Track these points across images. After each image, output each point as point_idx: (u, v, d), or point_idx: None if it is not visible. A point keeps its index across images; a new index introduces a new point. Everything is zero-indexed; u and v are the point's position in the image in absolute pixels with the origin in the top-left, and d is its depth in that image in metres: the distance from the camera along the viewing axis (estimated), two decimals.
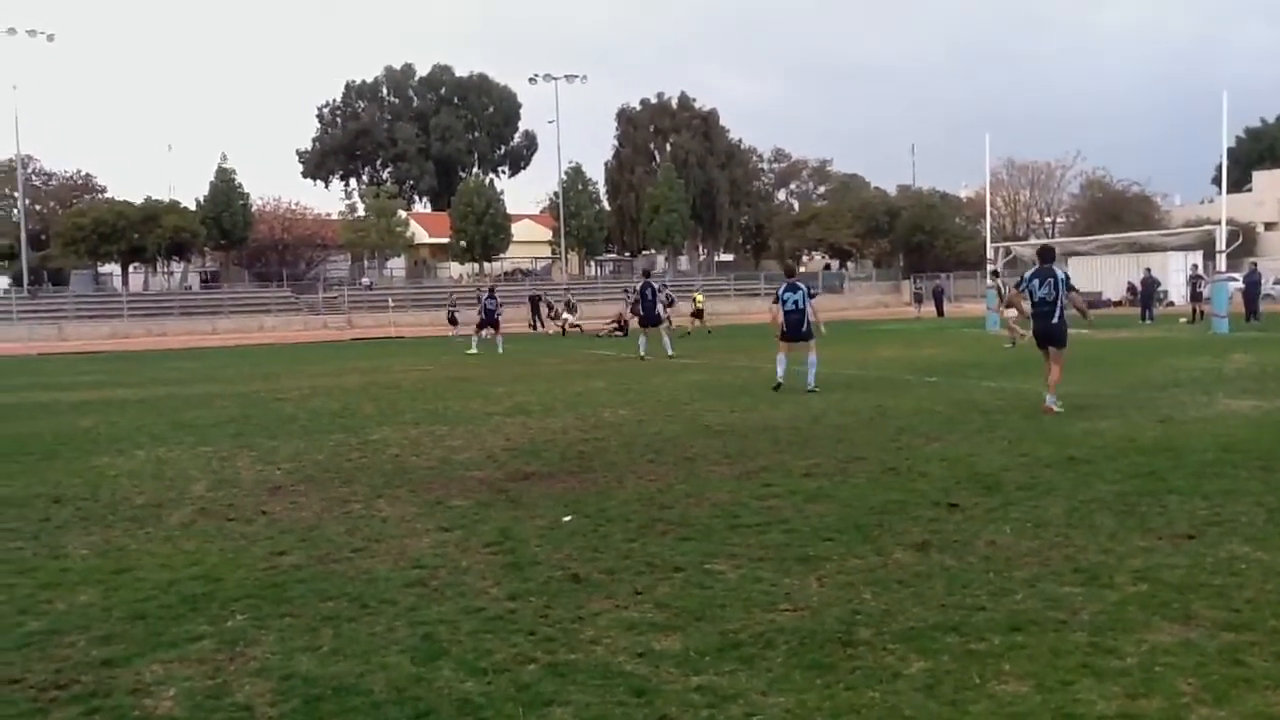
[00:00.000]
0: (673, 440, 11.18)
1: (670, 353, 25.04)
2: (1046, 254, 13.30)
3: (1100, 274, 61.19)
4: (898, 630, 4.91)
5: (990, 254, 42.44)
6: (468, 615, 5.33)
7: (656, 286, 25.79)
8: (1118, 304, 54.75)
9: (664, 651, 4.73)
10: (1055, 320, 12.58)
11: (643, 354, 24.53)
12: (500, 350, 29.35)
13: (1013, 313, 27.68)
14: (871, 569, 5.99)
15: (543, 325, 45.81)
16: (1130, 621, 4.95)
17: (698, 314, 37.87)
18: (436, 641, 4.94)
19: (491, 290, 33.04)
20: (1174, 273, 53.15)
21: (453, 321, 41.12)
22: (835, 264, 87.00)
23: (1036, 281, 12.79)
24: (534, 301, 48.94)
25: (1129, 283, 52.64)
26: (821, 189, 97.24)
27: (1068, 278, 12.90)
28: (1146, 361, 20.27)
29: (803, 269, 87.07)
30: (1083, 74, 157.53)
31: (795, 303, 15.68)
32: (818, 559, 6.21)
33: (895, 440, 10.70)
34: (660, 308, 25.78)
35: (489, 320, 31.48)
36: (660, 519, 7.39)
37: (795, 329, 15.76)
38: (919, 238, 79.60)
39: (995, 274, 33.94)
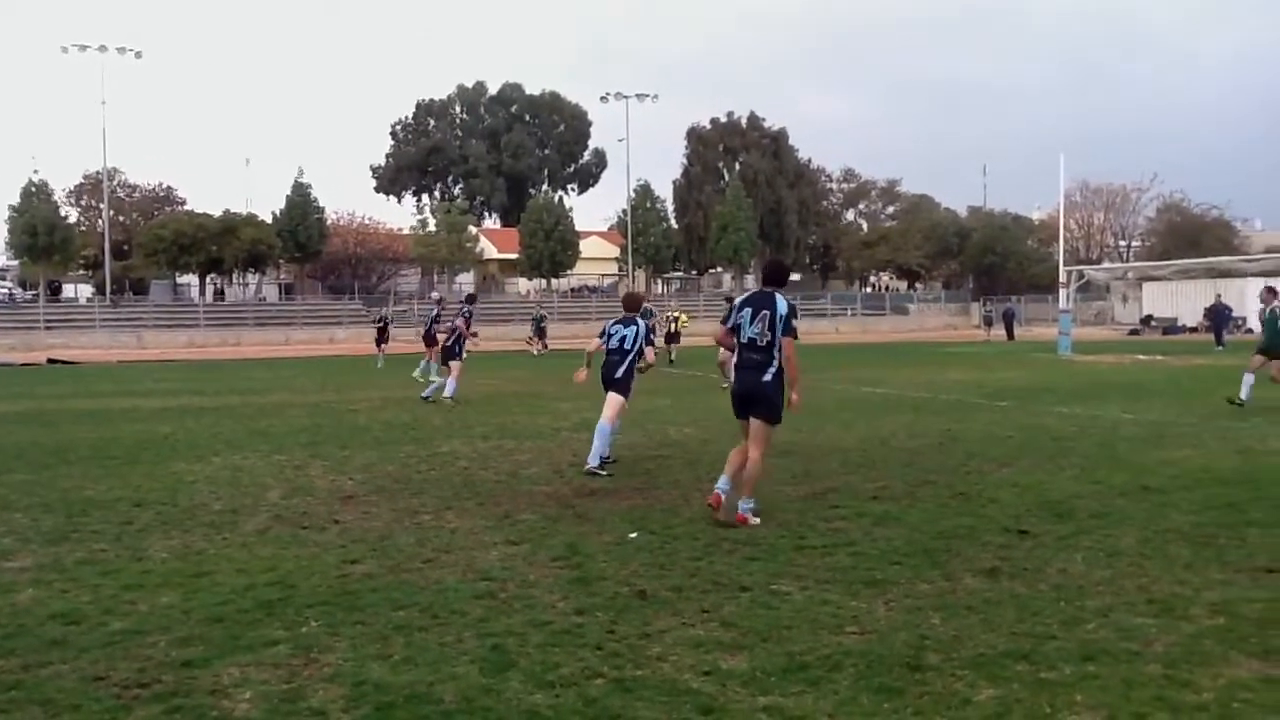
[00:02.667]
0: None
1: (427, 395, 18.92)
2: (773, 273, 8.58)
3: (1177, 299, 59.99)
4: (966, 657, 4.88)
5: (1063, 277, 41.81)
6: (536, 628, 5.39)
7: (436, 313, 22.84)
8: (1193, 330, 53.61)
9: (730, 670, 4.75)
10: (767, 376, 7.83)
11: (422, 380, 21.67)
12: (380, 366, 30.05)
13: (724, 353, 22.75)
14: (940, 594, 5.94)
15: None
16: (1207, 655, 4.86)
17: (672, 337, 31.08)
18: (505, 653, 5.00)
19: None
20: (1251, 298, 51.91)
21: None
22: (903, 285, 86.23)
23: (748, 312, 7.99)
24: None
25: (1205, 308, 51.54)
26: (890, 209, 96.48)
27: (792, 311, 8.05)
28: (1224, 390, 19.77)
29: (868, 290, 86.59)
30: (1162, 98, 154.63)
31: (623, 340, 11.01)
32: (885, 583, 6.18)
33: (965, 465, 10.59)
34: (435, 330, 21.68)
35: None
36: (726, 538, 7.40)
37: (609, 374, 10.97)
38: (990, 260, 78.57)
39: (729, 299, 30.45)
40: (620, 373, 10.97)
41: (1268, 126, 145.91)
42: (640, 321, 11.30)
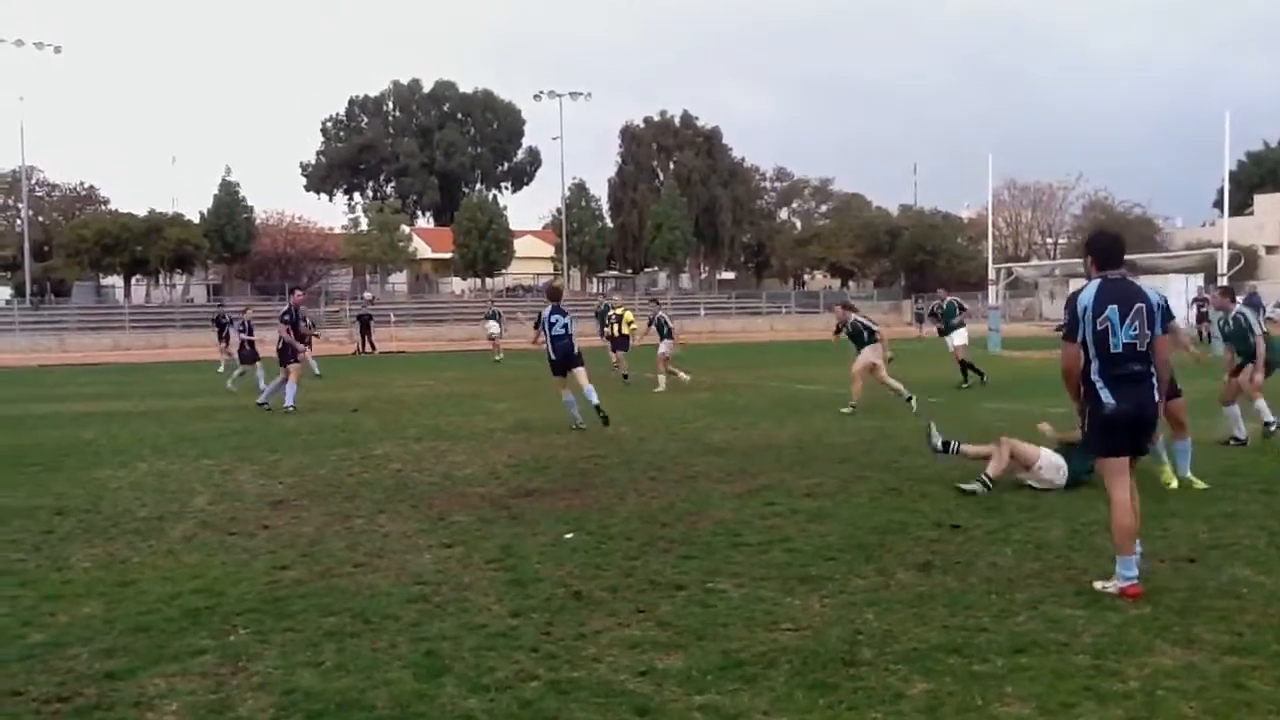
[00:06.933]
0: (674, 458, 11.18)
1: (263, 401, 18.10)
2: (1117, 250, 7.19)
3: None
4: (900, 651, 4.92)
5: (992, 274, 42.56)
6: (470, 632, 5.33)
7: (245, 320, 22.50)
8: None
9: (666, 670, 4.73)
10: (1156, 393, 6.27)
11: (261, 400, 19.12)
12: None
13: (665, 349, 21.46)
14: (874, 589, 5.99)
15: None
16: (1132, 644, 4.96)
17: (619, 341, 23.24)
18: (439, 658, 4.94)
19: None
20: (1175, 295, 53.21)
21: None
22: (836, 284, 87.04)
23: (1115, 310, 6.62)
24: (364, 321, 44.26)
25: None
26: (823, 208, 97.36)
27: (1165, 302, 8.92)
28: None
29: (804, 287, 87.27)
30: (1087, 97, 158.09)
31: (565, 326, 14.14)
32: (820, 579, 6.22)
33: (897, 460, 10.71)
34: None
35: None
36: (662, 537, 7.40)
37: (567, 355, 14.07)
38: (921, 257, 79.60)
39: (656, 301, 27.26)
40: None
41: (1184, 127, 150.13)
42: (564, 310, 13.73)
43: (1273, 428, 11.43)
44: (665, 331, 21.74)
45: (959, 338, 20.76)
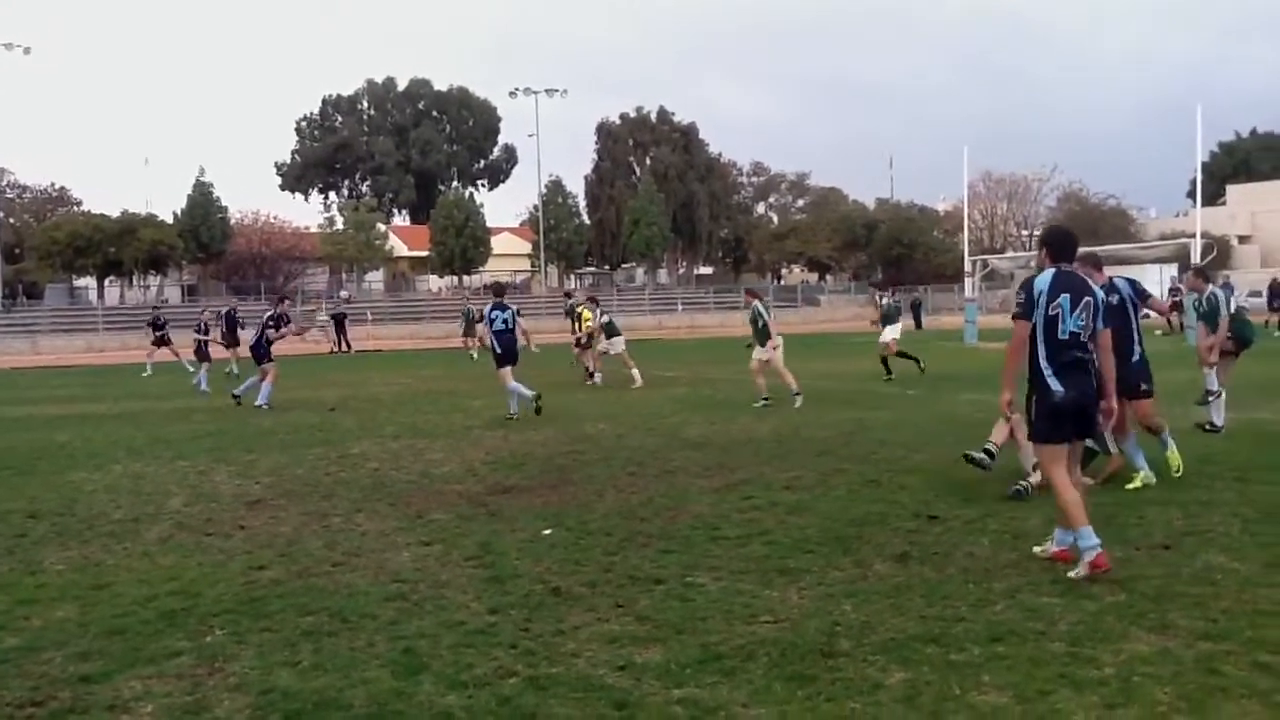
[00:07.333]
0: (653, 453, 11.18)
1: (238, 394, 18.32)
2: (1070, 245, 7.37)
3: None
4: (878, 641, 4.93)
5: (968, 266, 42.75)
6: (448, 629, 5.31)
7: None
8: None
9: (645, 664, 4.73)
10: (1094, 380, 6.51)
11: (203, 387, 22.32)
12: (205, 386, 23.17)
13: (619, 347, 21.52)
14: (852, 581, 6.01)
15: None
16: (1108, 631, 4.99)
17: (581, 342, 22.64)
18: (417, 656, 4.93)
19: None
20: (1150, 285, 53.59)
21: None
22: (814, 278, 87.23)
23: (1066, 299, 6.75)
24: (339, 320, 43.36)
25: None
26: (800, 202, 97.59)
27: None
28: None
29: (781, 281, 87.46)
30: (1061, 91, 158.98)
31: (505, 321, 15.26)
32: (798, 571, 6.23)
33: (875, 453, 10.74)
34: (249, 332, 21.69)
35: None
36: (641, 532, 7.40)
37: (510, 348, 15.29)
38: (897, 250, 79.93)
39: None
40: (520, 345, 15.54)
41: (1158, 119, 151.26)
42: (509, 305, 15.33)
43: (1211, 397, 11.65)
44: (611, 329, 21.67)
45: (891, 332, 21.49)
